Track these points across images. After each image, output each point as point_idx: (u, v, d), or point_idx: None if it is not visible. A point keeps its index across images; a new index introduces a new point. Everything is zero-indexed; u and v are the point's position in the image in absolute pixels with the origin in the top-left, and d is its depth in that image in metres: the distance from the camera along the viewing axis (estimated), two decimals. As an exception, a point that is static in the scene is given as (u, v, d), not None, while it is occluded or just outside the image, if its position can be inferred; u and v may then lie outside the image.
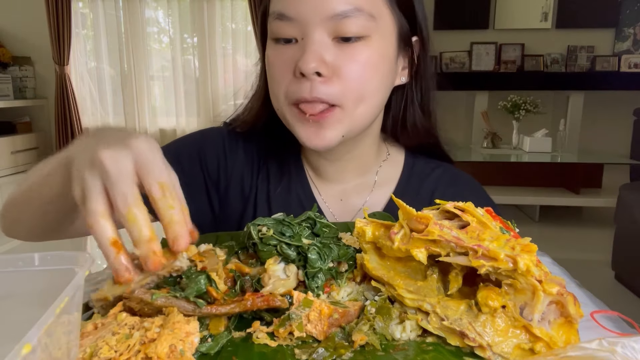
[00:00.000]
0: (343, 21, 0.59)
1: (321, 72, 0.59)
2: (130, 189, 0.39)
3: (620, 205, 2.45)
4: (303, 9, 0.59)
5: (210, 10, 4.83)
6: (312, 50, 0.59)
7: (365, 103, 0.63)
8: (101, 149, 0.40)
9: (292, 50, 0.62)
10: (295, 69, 0.60)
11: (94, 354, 0.35)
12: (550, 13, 4.36)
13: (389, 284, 0.45)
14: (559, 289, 0.37)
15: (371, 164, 0.77)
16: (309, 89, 0.60)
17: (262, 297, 0.42)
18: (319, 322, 0.41)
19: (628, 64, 4.26)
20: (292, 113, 0.64)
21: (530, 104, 3.74)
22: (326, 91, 0.60)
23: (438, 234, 0.40)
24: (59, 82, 4.87)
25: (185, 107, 5.05)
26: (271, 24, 0.63)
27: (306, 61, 0.59)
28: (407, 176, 0.77)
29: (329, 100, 0.61)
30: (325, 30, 0.60)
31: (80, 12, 4.97)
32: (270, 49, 0.65)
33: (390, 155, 0.79)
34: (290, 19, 0.60)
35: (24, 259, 0.37)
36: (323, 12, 0.59)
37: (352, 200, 0.76)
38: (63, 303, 0.28)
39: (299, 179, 0.77)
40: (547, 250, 0.66)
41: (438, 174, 0.77)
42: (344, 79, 0.61)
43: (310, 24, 0.59)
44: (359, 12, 0.59)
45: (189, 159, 0.76)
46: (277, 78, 0.64)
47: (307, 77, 0.60)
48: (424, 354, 0.39)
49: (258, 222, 0.50)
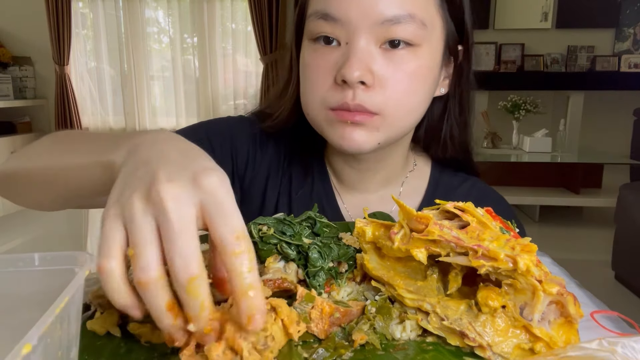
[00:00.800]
0: (394, 27, 0.55)
1: (365, 81, 0.56)
2: (195, 250, 0.31)
3: (620, 205, 2.45)
4: (351, 11, 0.55)
5: (210, 10, 4.83)
6: (358, 58, 0.56)
7: (407, 115, 0.61)
8: (163, 180, 0.32)
9: (334, 53, 0.58)
10: (337, 75, 0.57)
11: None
12: (550, 13, 4.36)
13: (389, 284, 0.45)
14: (559, 289, 0.37)
15: (398, 175, 0.74)
16: (351, 96, 0.57)
17: (272, 281, 0.43)
18: (320, 320, 0.41)
19: (628, 64, 4.26)
20: (328, 116, 0.60)
21: (530, 104, 3.74)
22: (369, 100, 0.57)
23: (438, 234, 0.40)
24: (59, 82, 4.87)
25: (185, 107, 5.05)
26: (311, 23, 0.59)
27: (351, 69, 0.55)
28: (434, 189, 0.74)
29: (371, 109, 0.58)
30: (372, 36, 0.56)
31: (80, 12, 4.97)
32: (308, 50, 0.61)
33: (417, 166, 0.76)
34: (335, 20, 0.56)
35: (24, 259, 0.37)
36: (373, 16, 0.55)
37: (376, 210, 0.74)
38: (63, 303, 0.28)
39: (322, 184, 0.74)
40: (547, 250, 0.66)
41: (466, 188, 0.75)
42: (389, 89, 0.57)
43: (357, 28, 0.56)
44: (411, 19, 0.56)
45: (222, 145, 0.72)
46: (315, 82, 0.60)
47: (349, 85, 0.56)
48: (424, 353, 0.39)
49: (259, 222, 0.50)
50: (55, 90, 4.90)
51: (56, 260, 0.37)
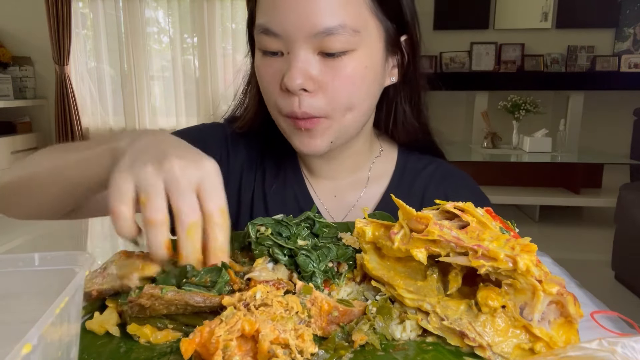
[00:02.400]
0: (327, 38, 0.59)
1: (307, 88, 0.61)
2: (197, 204, 0.42)
3: (620, 205, 2.45)
4: (287, 26, 0.59)
5: (210, 10, 4.83)
6: (297, 67, 0.60)
7: (352, 112, 0.65)
8: (174, 155, 0.43)
9: (279, 63, 0.62)
10: (282, 83, 0.62)
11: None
12: (550, 13, 4.36)
13: (389, 284, 0.45)
14: (559, 288, 0.37)
15: (364, 161, 0.78)
16: (297, 104, 0.62)
17: (269, 282, 0.43)
18: (319, 317, 0.42)
19: (628, 64, 4.26)
20: (286, 123, 0.66)
21: (530, 104, 3.74)
22: (314, 104, 0.62)
23: (438, 234, 0.40)
24: (59, 82, 4.87)
25: (185, 107, 5.05)
26: (257, 36, 0.64)
27: (291, 78, 0.60)
28: (401, 172, 0.78)
29: (316, 114, 0.63)
30: (310, 46, 0.60)
31: (80, 12, 4.97)
32: (259, 60, 0.66)
33: (384, 152, 0.80)
34: (275, 35, 0.61)
35: (24, 259, 0.37)
36: (307, 29, 0.59)
37: (346, 196, 0.77)
38: (63, 303, 0.28)
39: (294, 177, 0.78)
40: (547, 250, 0.66)
41: (431, 169, 0.78)
42: (330, 92, 0.62)
43: (295, 40, 0.60)
44: (343, 29, 0.59)
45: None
46: (267, 90, 0.65)
47: (293, 92, 0.61)
48: (424, 354, 0.39)
49: (257, 222, 0.50)
50: (55, 90, 4.90)
51: (56, 260, 0.37)
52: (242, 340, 0.36)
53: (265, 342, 0.35)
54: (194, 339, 0.36)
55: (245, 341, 0.36)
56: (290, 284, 0.44)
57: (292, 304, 0.40)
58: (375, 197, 0.76)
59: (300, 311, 0.40)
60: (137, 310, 0.41)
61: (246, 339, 0.36)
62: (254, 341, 0.36)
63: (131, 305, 0.41)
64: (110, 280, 0.45)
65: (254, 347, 0.36)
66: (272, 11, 0.60)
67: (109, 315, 0.44)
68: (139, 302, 0.41)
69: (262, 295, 0.40)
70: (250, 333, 0.36)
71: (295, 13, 0.59)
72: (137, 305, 0.41)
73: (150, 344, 0.41)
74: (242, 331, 0.36)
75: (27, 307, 0.37)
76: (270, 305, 0.39)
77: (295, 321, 0.39)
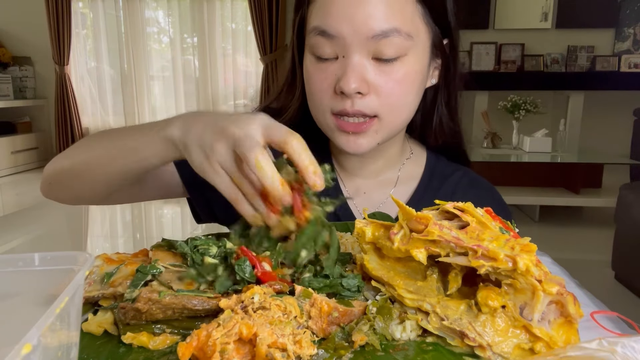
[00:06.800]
0: (382, 42, 0.62)
1: (361, 91, 0.63)
2: (259, 148, 0.45)
3: (620, 205, 2.45)
4: (344, 28, 0.62)
5: (210, 10, 4.83)
6: (353, 70, 0.62)
7: (401, 113, 0.68)
8: (230, 124, 0.47)
9: (333, 66, 0.65)
10: (337, 87, 0.64)
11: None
12: (550, 13, 4.36)
13: (389, 284, 0.45)
14: (559, 288, 0.37)
15: (395, 162, 0.80)
16: (350, 104, 0.64)
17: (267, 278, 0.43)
18: (319, 319, 0.41)
19: (628, 64, 4.26)
20: (333, 123, 0.68)
21: (530, 104, 3.73)
22: (366, 105, 0.64)
23: (438, 234, 0.40)
24: (59, 82, 4.88)
25: (185, 107, 5.05)
26: (311, 38, 0.66)
27: (348, 82, 0.62)
28: (429, 175, 0.80)
29: (368, 113, 0.65)
30: (365, 50, 0.63)
31: (80, 12, 4.98)
32: (310, 63, 0.68)
33: (414, 154, 0.82)
34: (331, 37, 0.63)
35: (24, 259, 0.37)
36: (364, 31, 0.61)
37: (375, 194, 0.79)
38: (63, 303, 0.28)
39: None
40: (547, 250, 0.66)
41: (458, 176, 0.80)
42: (382, 95, 0.65)
43: (351, 43, 0.62)
44: (398, 33, 0.62)
45: None
46: (318, 93, 0.67)
47: (347, 95, 0.64)
48: (424, 354, 0.39)
49: (194, 238, 0.49)
50: (55, 90, 4.90)
51: (56, 260, 0.37)
52: (239, 344, 0.36)
53: (263, 346, 0.35)
54: (191, 343, 0.36)
55: (242, 345, 0.36)
56: (285, 285, 0.44)
57: (291, 307, 0.40)
58: (404, 197, 0.78)
59: (298, 315, 0.40)
60: (132, 316, 0.41)
61: (244, 342, 0.36)
62: (251, 345, 0.36)
63: (125, 312, 0.41)
64: (99, 288, 0.45)
65: (252, 351, 0.36)
66: (329, 14, 0.63)
67: (104, 315, 0.44)
68: (136, 307, 0.40)
69: (260, 299, 0.39)
70: (248, 337, 0.36)
71: (352, 16, 0.61)
72: (133, 311, 0.40)
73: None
74: (239, 335, 0.36)
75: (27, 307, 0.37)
76: (268, 309, 0.39)
77: (294, 326, 0.39)
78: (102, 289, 0.45)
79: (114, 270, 0.47)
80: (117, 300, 0.44)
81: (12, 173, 4.63)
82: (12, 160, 4.63)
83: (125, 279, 0.45)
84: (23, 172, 4.74)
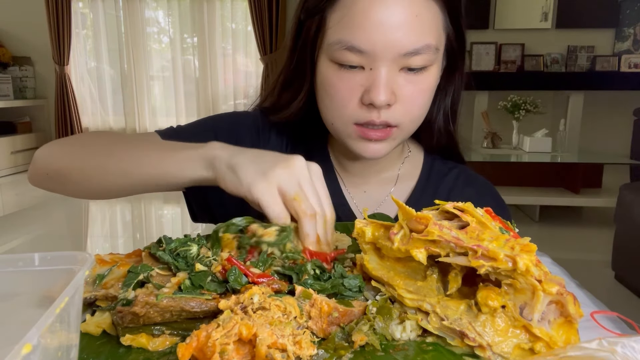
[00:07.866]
0: (413, 57, 0.62)
1: (390, 102, 0.63)
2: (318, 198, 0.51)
3: (620, 205, 2.45)
4: (376, 46, 0.61)
5: (210, 10, 4.83)
6: (384, 84, 0.62)
7: (419, 121, 0.70)
8: (296, 159, 0.51)
9: (359, 76, 0.64)
10: (364, 97, 0.63)
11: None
12: (550, 13, 4.37)
13: (388, 284, 0.45)
14: (559, 288, 0.37)
15: (395, 161, 0.81)
16: (377, 115, 0.64)
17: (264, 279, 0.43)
18: (319, 319, 0.41)
19: (628, 64, 4.26)
20: (355, 132, 0.67)
21: (530, 104, 3.74)
22: (392, 115, 0.65)
23: (437, 234, 0.40)
24: (59, 82, 4.88)
25: (185, 107, 5.05)
26: (336, 52, 0.64)
27: (378, 95, 0.62)
28: (427, 173, 0.81)
29: (393, 123, 0.65)
30: (394, 64, 0.62)
31: (80, 12, 4.98)
32: (332, 71, 0.66)
33: (411, 154, 0.83)
34: (361, 52, 0.62)
35: (24, 259, 0.37)
36: (396, 50, 0.61)
37: (375, 193, 0.80)
38: (63, 303, 0.28)
39: (325, 168, 0.79)
40: (547, 250, 0.66)
41: (455, 174, 0.81)
42: (407, 104, 0.65)
43: (382, 59, 0.62)
44: (428, 49, 0.62)
45: (226, 136, 0.76)
46: (341, 101, 0.66)
47: (376, 107, 0.63)
48: (424, 354, 0.39)
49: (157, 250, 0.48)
50: (55, 90, 4.90)
51: (56, 260, 0.37)
52: (239, 344, 0.36)
53: (263, 346, 0.35)
54: (190, 344, 0.35)
55: (242, 345, 0.36)
56: (284, 285, 0.44)
57: (291, 308, 0.40)
58: (403, 195, 0.79)
59: (298, 315, 0.40)
60: (129, 320, 0.40)
61: (243, 343, 0.36)
62: (251, 345, 0.36)
63: (122, 315, 0.40)
64: (91, 290, 0.44)
65: (252, 351, 0.36)
66: (360, 28, 0.61)
67: (101, 315, 0.43)
68: (133, 311, 0.40)
69: (259, 299, 0.39)
70: (248, 337, 0.36)
71: (385, 33, 0.60)
72: (130, 314, 0.40)
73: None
74: (239, 335, 0.35)
75: (27, 307, 0.37)
76: (268, 309, 0.39)
77: (294, 326, 0.39)
78: (94, 290, 0.44)
79: (105, 272, 0.46)
80: (110, 301, 0.44)
81: (12, 173, 4.63)
82: (12, 160, 4.63)
83: (117, 280, 0.44)
84: (23, 172, 4.74)
